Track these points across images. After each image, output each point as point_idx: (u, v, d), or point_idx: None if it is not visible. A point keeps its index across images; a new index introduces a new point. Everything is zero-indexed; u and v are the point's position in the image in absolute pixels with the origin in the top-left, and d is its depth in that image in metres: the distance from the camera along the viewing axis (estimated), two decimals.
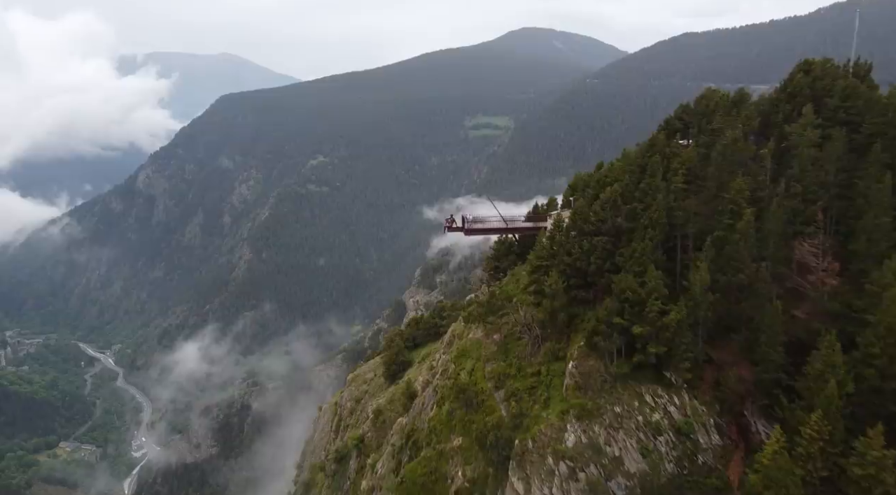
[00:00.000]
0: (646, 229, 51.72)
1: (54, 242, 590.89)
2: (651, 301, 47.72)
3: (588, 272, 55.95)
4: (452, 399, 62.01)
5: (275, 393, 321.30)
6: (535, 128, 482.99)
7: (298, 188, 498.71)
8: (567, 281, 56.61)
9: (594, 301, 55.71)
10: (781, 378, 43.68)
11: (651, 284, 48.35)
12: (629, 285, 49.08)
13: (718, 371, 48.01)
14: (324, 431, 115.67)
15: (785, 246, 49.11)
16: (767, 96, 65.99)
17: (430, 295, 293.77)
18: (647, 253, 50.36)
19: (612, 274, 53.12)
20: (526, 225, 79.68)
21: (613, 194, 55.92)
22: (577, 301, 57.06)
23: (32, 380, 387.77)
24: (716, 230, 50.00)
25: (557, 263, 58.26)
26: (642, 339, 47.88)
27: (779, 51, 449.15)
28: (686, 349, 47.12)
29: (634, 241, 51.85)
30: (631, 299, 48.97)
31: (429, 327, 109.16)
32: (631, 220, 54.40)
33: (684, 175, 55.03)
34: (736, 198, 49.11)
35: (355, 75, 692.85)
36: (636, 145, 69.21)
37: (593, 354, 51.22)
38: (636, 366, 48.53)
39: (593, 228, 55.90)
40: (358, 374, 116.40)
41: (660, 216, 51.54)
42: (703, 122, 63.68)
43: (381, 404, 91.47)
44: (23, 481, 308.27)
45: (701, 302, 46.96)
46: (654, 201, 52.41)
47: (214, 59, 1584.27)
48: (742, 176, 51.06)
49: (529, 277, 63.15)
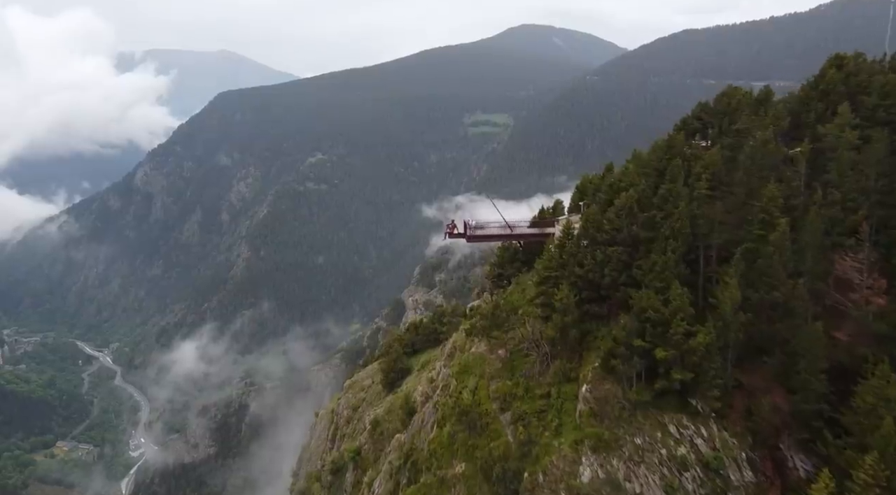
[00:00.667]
0: (667, 240, 47.31)
1: (52, 240, 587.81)
2: (676, 321, 43.23)
3: (602, 285, 51.78)
4: (454, 421, 57.61)
5: (273, 394, 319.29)
6: (535, 125, 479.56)
7: (297, 186, 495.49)
8: (578, 294, 52.39)
9: (608, 316, 51.82)
10: (823, 409, 39.40)
11: (676, 303, 43.87)
12: (651, 303, 44.67)
13: (749, 398, 43.56)
14: (320, 438, 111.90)
15: (823, 259, 44.52)
16: (795, 94, 60.71)
17: (430, 293, 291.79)
18: (669, 267, 45.90)
19: (628, 288, 49.00)
20: (531, 231, 74.84)
21: (629, 201, 51.58)
22: (589, 316, 52.78)
23: (30, 379, 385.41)
24: (745, 241, 45.64)
25: (568, 275, 54.06)
26: (665, 364, 43.64)
27: (779, 48, 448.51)
28: (715, 375, 42.66)
29: (654, 253, 47.51)
30: (653, 319, 44.47)
31: (428, 333, 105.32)
32: (649, 230, 49.87)
33: (708, 180, 50.29)
34: (768, 206, 44.61)
35: (354, 72, 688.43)
36: (650, 144, 64.95)
37: (609, 377, 46.98)
38: (659, 393, 44.09)
39: (607, 237, 51.73)
40: (355, 381, 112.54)
41: (682, 225, 47.12)
42: (724, 121, 59.70)
43: (378, 414, 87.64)
44: (19, 481, 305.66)
45: (731, 322, 42.58)
46: (676, 209, 47.87)
47: (213, 56, 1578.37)
48: (774, 181, 46.65)
49: (537, 288, 58.43)
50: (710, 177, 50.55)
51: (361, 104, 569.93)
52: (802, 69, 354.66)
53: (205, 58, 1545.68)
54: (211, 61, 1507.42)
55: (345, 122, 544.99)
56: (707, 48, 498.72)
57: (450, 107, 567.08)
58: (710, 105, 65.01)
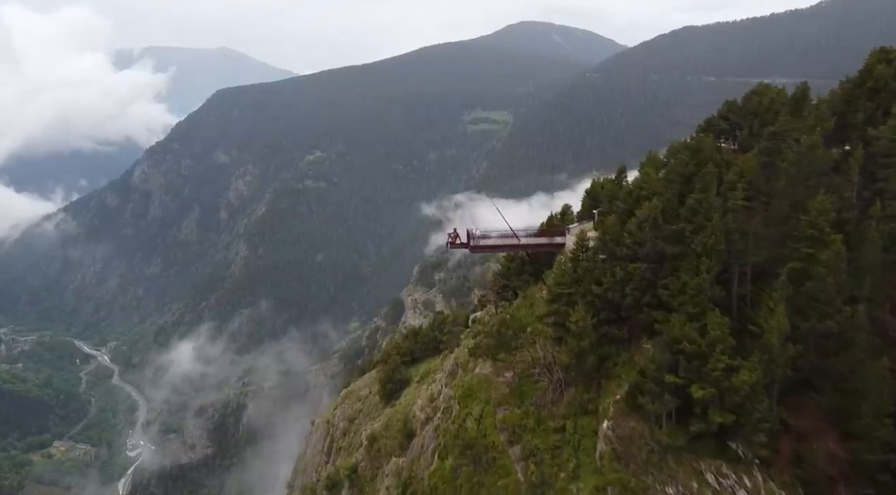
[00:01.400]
0: (699, 257, 41.78)
1: (49, 238, 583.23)
2: (716, 355, 37.65)
3: (622, 305, 46.27)
4: (458, 453, 52.39)
5: (270, 394, 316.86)
6: (535, 123, 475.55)
7: (295, 184, 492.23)
8: (596, 315, 46.88)
9: (629, 340, 46.54)
10: (891, 460, 34.08)
11: (714, 333, 38.19)
12: (686, 333, 38.90)
13: (798, 442, 38.05)
14: (316, 449, 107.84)
15: (884, 282, 38.96)
16: (836, 91, 54.39)
17: (429, 293, 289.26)
18: (703, 289, 40.28)
19: (653, 309, 43.73)
20: (540, 241, 67.80)
21: (653, 211, 45.84)
22: (608, 339, 47.26)
23: (26, 378, 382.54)
24: (790, 260, 40.10)
25: (583, 293, 48.49)
26: (702, 403, 38.17)
27: (780, 45, 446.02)
28: (761, 418, 36.88)
29: (683, 272, 42.07)
30: (688, 351, 38.71)
31: (428, 341, 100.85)
32: (676, 245, 44.36)
33: (744, 189, 44.28)
34: (818, 220, 39.02)
35: (353, 70, 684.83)
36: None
37: (635, 414, 41.41)
38: (694, 436, 38.47)
39: (628, 252, 46.24)
40: (352, 390, 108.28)
41: (717, 241, 41.69)
42: (755, 122, 54.22)
43: (375, 429, 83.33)
44: (15, 481, 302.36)
45: (778, 356, 37.09)
46: (709, 222, 42.43)
47: (211, 53, 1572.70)
48: (824, 192, 40.49)
49: (548, 306, 52.73)
50: (746, 186, 44.58)
51: (360, 101, 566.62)
52: (804, 66, 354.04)
53: (203, 55, 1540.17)
54: (210, 58, 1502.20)
55: (344, 119, 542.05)
56: (707, 45, 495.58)
57: (449, 104, 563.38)
58: (738, 104, 59.03)
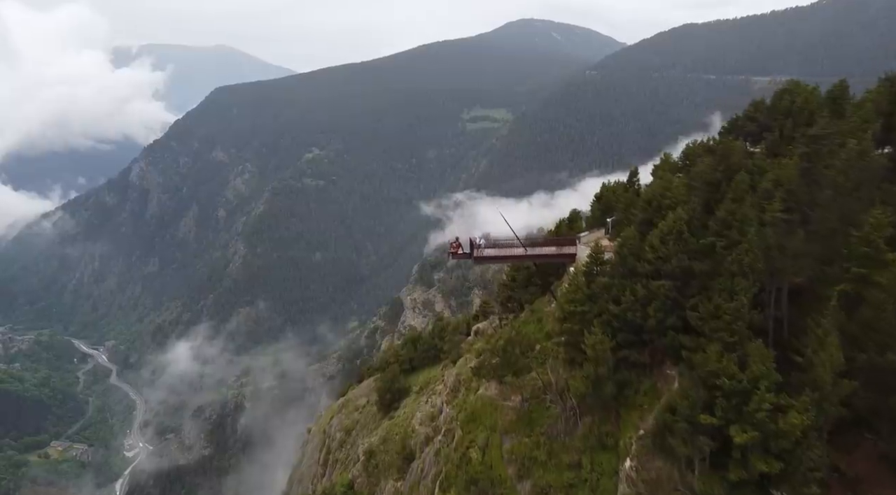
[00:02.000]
0: (733, 277, 36.88)
1: (47, 237, 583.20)
2: (760, 394, 32.48)
3: (644, 328, 41.39)
4: (462, 488, 47.91)
5: (268, 395, 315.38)
6: (534, 121, 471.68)
7: (294, 182, 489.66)
8: (614, 336, 42.12)
9: (651, 365, 41.81)
10: None
11: (756, 368, 33.00)
12: (724, 368, 33.74)
13: (852, 490, 33.19)
14: (312, 459, 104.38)
15: None
16: (882, 90, 49.33)
17: (428, 292, 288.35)
18: (741, 315, 35.25)
19: (678, 333, 39.16)
20: (549, 251, 62.15)
21: (678, 223, 41.29)
22: (627, 363, 42.42)
23: (23, 378, 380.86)
24: (840, 282, 35.17)
25: (599, 312, 43.71)
26: (743, 447, 33.00)
27: (780, 42, 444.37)
28: (813, 466, 31.66)
29: (716, 293, 37.22)
30: (726, 389, 33.49)
31: (428, 348, 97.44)
32: (705, 260, 39.88)
33: (783, 200, 39.02)
34: (872, 236, 33.97)
35: (351, 67, 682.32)
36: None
37: (662, 454, 36.47)
38: (733, 484, 33.28)
39: (650, 268, 41.56)
40: (349, 399, 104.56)
41: (754, 259, 36.82)
42: (786, 124, 49.59)
43: (373, 444, 79.51)
44: (12, 482, 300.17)
45: (830, 394, 32.02)
46: (745, 237, 37.64)
47: (210, 51, 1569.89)
48: (879, 204, 35.48)
49: (560, 325, 47.57)
50: (784, 197, 39.31)
51: (359, 99, 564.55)
52: (804, 64, 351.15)
53: (202, 53, 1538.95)
54: (208, 56, 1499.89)
55: (342, 117, 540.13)
56: (707, 43, 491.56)
57: (448, 102, 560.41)
58: (767, 104, 54.55)
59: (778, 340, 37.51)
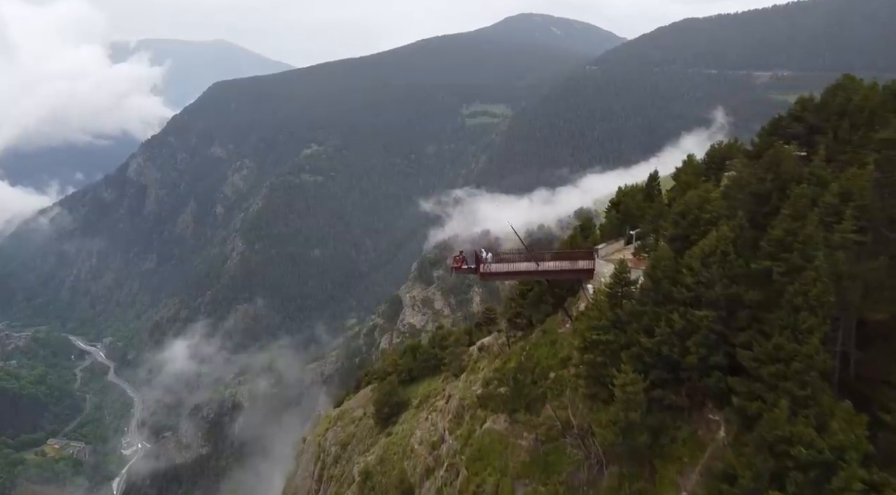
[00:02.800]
0: (797, 311, 30.38)
1: (44, 233, 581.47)
2: (849, 469, 26.41)
3: (682, 364, 34.96)
4: None
5: (265, 394, 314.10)
6: (534, 116, 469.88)
7: (292, 178, 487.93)
8: (645, 372, 35.69)
9: (691, 409, 36.07)
10: None
11: (844, 436, 26.99)
12: (798, 432, 27.53)
13: None
14: (306, 471, 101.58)
15: None
16: None
17: (427, 290, 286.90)
18: (814, 363, 29.14)
19: (725, 373, 33.15)
20: (562, 267, 54.86)
21: (722, 242, 35.10)
22: (661, 405, 35.98)
23: (20, 375, 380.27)
24: None
25: (628, 343, 37.48)
26: None
27: (782, 36, 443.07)
28: None
29: (775, 329, 30.75)
30: (802, 460, 27.26)
31: (427, 358, 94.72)
32: (757, 288, 33.58)
33: (856, 218, 32.77)
34: None
35: (350, 62, 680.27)
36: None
37: None
38: None
39: (689, 295, 35.16)
40: (345, 410, 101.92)
41: (824, 291, 30.30)
42: (841, 125, 44.49)
43: (369, 463, 76.52)
44: (8, 481, 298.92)
45: None
46: (813, 264, 31.08)
47: (208, 46, 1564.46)
48: None
49: (580, 356, 41.30)
50: (857, 214, 32.91)
51: (358, 94, 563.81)
52: (807, 57, 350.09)
53: (200, 47, 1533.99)
54: (206, 51, 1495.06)
55: (341, 112, 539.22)
56: (709, 37, 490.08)
57: (447, 97, 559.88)
58: (814, 100, 49.06)
59: (843, 387, 31.78)
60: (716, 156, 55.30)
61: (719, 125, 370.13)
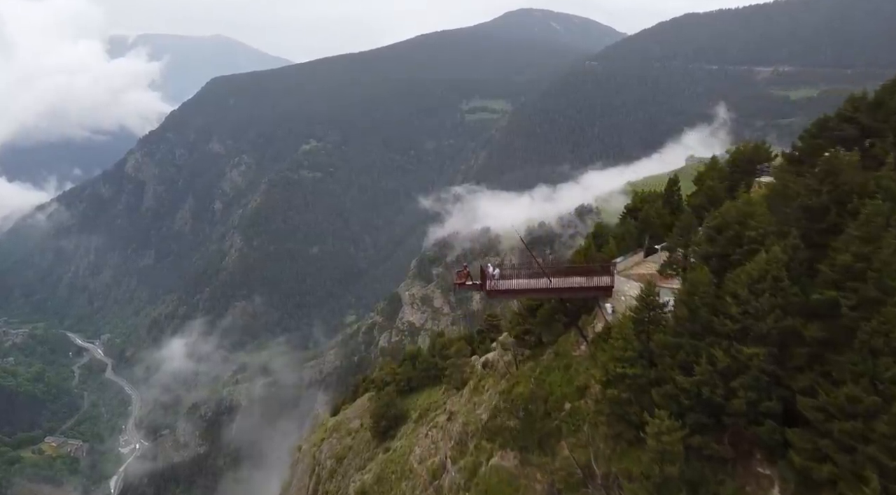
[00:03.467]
0: (875, 356, 24.94)
1: (42, 229, 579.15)
2: None
3: (726, 409, 29.21)
4: None
5: (263, 393, 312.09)
6: (534, 111, 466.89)
7: (291, 174, 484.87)
8: (681, 416, 29.80)
9: (735, 460, 30.01)
10: None
11: None
12: None
13: None
14: (301, 482, 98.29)
15: None
16: None
17: (427, 288, 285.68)
18: None
19: (780, 423, 27.87)
20: (577, 283, 47.16)
21: (774, 267, 29.31)
22: (699, 454, 29.94)
23: (17, 373, 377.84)
24: None
25: (658, 379, 32.08)
26: None
27: (783, 31, 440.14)
28: None
29: (846, 375, 25.56)
30: None
31: (427, 367, 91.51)
32: (815, 320, 28.17)
33: None
34: None
35: (349, 57, 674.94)
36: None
37: None
38: None
39: (734, 328, 29.62)
40: (341, 421, 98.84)
41: None
42: None
43: (366, 483, 72.85)
44: (4, 479, 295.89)
45: None
46: (890, 297, 25.57)
47: (206, 41, 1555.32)
48: None
49: (603, 391, 36.03)
50: None
51: (357, 90, 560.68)
52: (808, 53, 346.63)
53: (198, 43, 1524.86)
54: (204, 46, 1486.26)
55: (340, 108, 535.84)
56: (709, 32, 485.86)
57: (447, 92, 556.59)
58: (868, 98, 41.52)
59: None
60: (741, 158, 49.76)
61: (721, 121, 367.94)
